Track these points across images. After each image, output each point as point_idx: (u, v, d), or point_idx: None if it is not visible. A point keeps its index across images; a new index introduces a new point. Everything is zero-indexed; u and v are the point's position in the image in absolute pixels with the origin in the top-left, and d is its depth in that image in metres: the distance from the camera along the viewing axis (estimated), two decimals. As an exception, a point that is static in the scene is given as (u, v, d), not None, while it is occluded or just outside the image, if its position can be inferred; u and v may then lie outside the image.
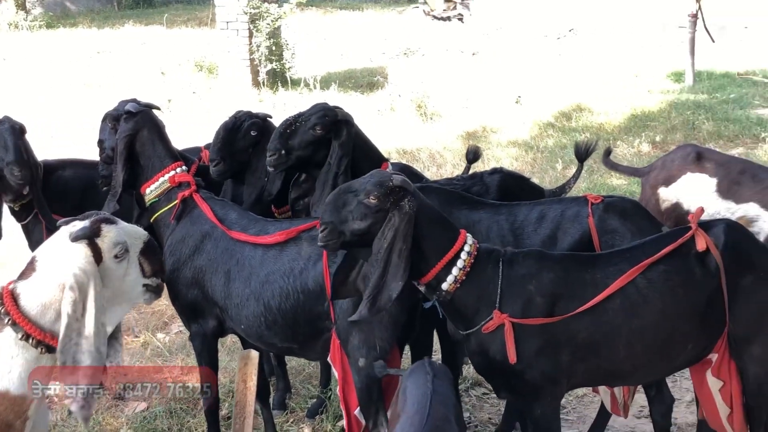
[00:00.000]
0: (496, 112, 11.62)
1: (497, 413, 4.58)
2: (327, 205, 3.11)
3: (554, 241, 3.85)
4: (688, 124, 10.65)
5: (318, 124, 3.95)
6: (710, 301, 3.29)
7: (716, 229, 3.37)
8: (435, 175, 8.48)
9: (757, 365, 3.39)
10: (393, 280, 3.07)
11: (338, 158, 3.95)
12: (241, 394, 3.35)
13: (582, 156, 4.62)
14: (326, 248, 3.17)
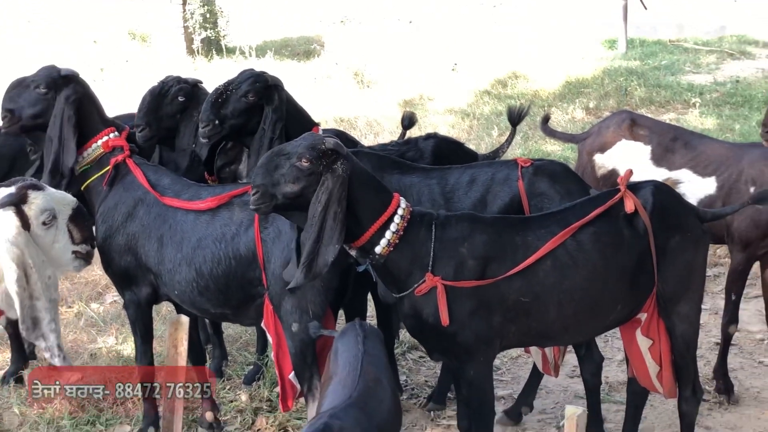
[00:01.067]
0: (433, 80, 11.59)
1: (434, 375, 4.59)
2: (259, 168, 3.05)
3: (485, 204, 3.85)
4: (620, 91, 10.75)
5: (250, 91, 3.88)
6: (639, 261, 3.31)
7: (644, 190, 3.38)
8: (372, 142, 8.43)
9: (685, 323, 3.44)
10: (329, 244, 3.02)
11: (272, 123, 3.90)
12: (172, 359, 3.30)
13: (515, 121, 4.61)
14: (258, 211, 3.11)
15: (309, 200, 3.03)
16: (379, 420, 2.66)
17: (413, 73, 11.95)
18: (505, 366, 4.78)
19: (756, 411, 4.25)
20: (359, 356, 2.83)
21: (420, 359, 4.81)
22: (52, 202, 2.96)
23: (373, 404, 2.69)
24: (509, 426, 4.13)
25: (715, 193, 4.31)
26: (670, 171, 4.44)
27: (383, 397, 2.77)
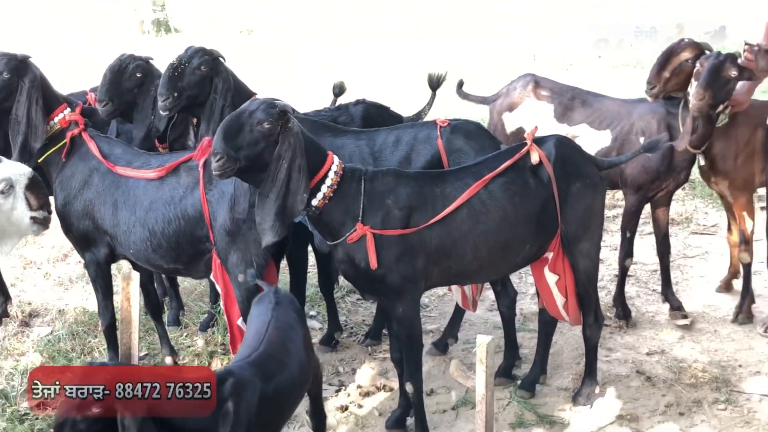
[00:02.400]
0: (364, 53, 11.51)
1: (370, 315, 4.59)
2: (219, 136, 2.95)
3: (409, 161, 3.83)
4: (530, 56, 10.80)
5: (202, 64, 3.82)
6: (544, 206, 3.33)
7: (548, 144, 3.39)
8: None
9: (586, 259, 3.49)
10: (297, 194, 3.01)
11: (224, 91, 3.86)
12: (126, 311, 3.25)
13: (434, 85, 4.60)
14: (222, 176, 3.01)
15: (266, 161, 2.98)
16: (278, 382, 2.62)
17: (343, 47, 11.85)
18: (433, 303, 4.81)
19: (651, 332, 4.34)
20: (267, 322, 2.78)
21: (358, 301, 4.81)
22: (8, 172, 2.88)
23: (273, 367, 2.66)
24: (437, 356, 4.16)
25: (610, 144, 4.34)
26: (570, 126, 4.47)
27: (287, 361, 2.73)
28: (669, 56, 4.11)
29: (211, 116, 3.84)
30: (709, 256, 5.26)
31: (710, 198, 5.98)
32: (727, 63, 3.75)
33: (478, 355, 2.83)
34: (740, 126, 4.13)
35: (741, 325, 4.35)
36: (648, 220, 4.89)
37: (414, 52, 11.41)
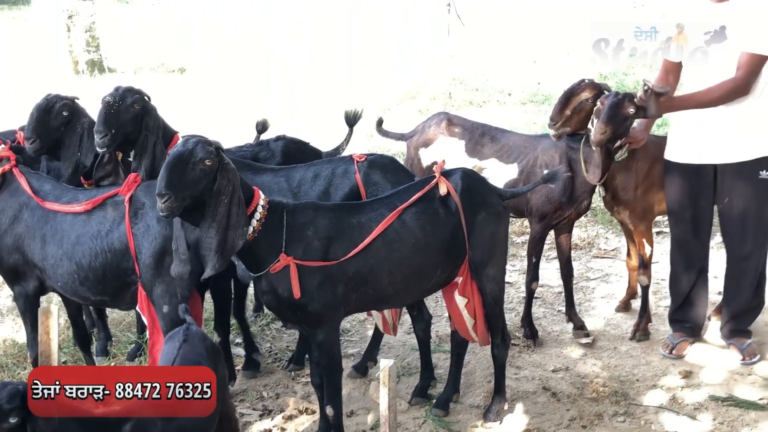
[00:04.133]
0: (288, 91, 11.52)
1: (293, 341, 4.58)
2: (164, 176, 2.91)
3: (328, 195, 3.87)
4: (446, 94, 10.96)
5: (135, 102, 3.81)
6: (453, 234, 3.41)
7: (455, 176, 3.49)
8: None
9: (492, 283, 3.57)
10: (237, 227, 3.01)
11: (155, 128, 3.86)
12: (45, 344, 3.21)
13: (351, 122, 4.67)
14: (169, 216, 2.97)
15: (205, 198, 2.98)
16: (181, 422, 2.53)
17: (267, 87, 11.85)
18: (354, 328, 4.82)
19: (556, 350, 4.44)
20: (172, 360, 2.72)
21: (282, 328, 4.80)
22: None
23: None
24: (357, 378, 4.17)
25: (517, 176, 4.46)
26: (480, 161, 4.57)
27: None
28: (570, 96, 4.24)
29: (143, 152, 3.84)
30: (609, 278, 5.41)
31: (611, 224, 6.17)
32: (625, 101, 3.88)
33: (381, 378, 2.88)
34: (639, 160, 4.28)
35: (639, 342, 4.48)
36: (553, 245, 5.00)
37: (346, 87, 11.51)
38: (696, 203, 4.16)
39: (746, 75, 3.79)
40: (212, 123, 9.71)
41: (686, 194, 4.17)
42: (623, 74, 11.95)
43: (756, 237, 4.08)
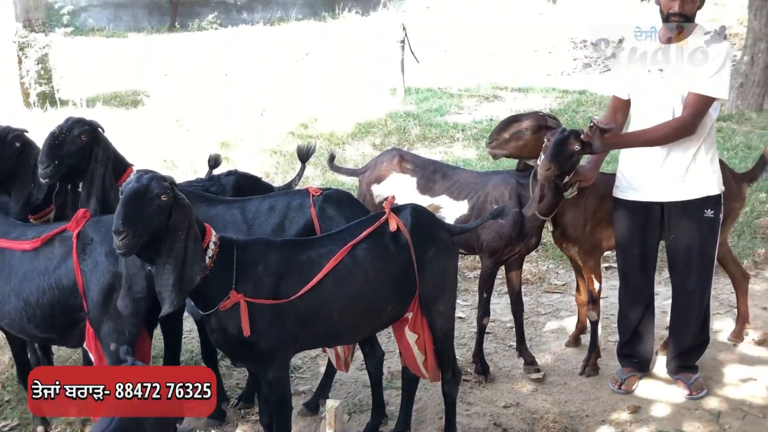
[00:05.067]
0: (245, 124, 11.48)
1: (244, 379, 4.51)
2: (120, 213, 2.85)
3: (283, 229, 3.84)
4: (400, 129, 11.01)
5: (82, 133, 3.74)
6: (403, 270, 3.40)
7: (405, 212, 3.48)
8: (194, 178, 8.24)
9: (443, 318, 3.56)
10: (194, 263, 2.98)
11: (104, 160, 3.79)
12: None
13: (303, 157, 4.66)
14: (126, 254, 2.91)
15: (161, 234, 2.93)
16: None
17: (228, 118, 11.82)
18: (306, 365, 4.77)
19: (507, 386, 4.43)
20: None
21: (231, 366, 4.71)
22: None
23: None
24: (308, 416, 4.11)
25: (468, 213, 4.47)
26: (432, 198, 4.57)
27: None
28: (511, 121, 4.32)
29: (92, 185, 3.76)
30: (559, 313, 5.44)
31: (561, 260, 6.22)
32: (570, 138, 3.93)
33: (327, 418, 2.85)
34: (588, 197, 4.33)
35: (588, 378, 4.50)
36: (504, 280, 5.02)
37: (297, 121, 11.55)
38: (643, 240, 4.22)
39: (692, 115, 3.87)
40: (168, 155, 9.65)
41: (633, 231, 4.23)
42: (573, 111, 12.17)
43: (700, 274, 4.14)
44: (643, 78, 4.03)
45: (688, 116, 3.88)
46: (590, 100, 13.45)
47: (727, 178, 4.28)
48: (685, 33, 3.92)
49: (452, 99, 13.68)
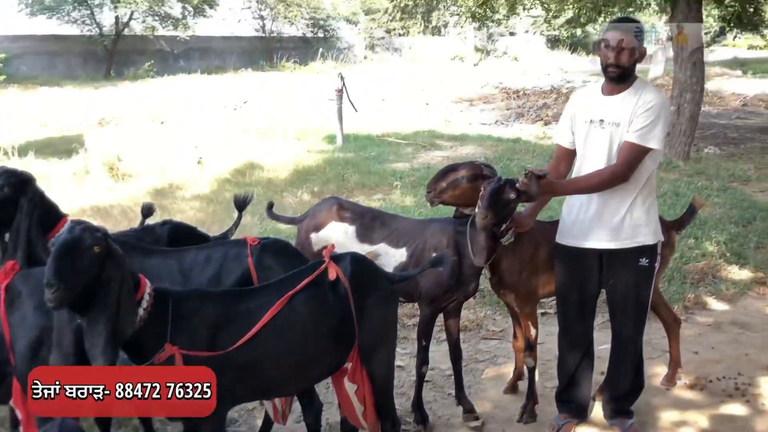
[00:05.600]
0: (181, 172, 11.38)
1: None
2: (52, 266, 2.76)
3: (219, 280, 3.79)
4: (339, 177, 11.05)
5: (5, 185, 3.63)
6: (343, 320, 3.37)
7: (344, 261, 3.47)
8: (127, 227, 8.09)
9: (382, 368, 3.53)
10: (127, 315, 2.90)
11: (29, 211, 3.67)
12: None
13: (240, 206, 4.62)
14: (57, 307, 2.81)
15: (96, 285, 2.85)
16: None
17: (164, 166, 11.70)
18: (242, 417, 4.65)
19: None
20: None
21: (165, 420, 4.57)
22: None
23: None
24: (245, 470, 4.02)
25: (407, 260, 4.46)
26: (371, 245, 4.56)
27: None
28: (448, 170, 4.39)
29: (17, 237, 3.64)
30: (497, 359, 5.45)
31: (498, 306, 6.26)
32: (506, 187, 3.97)
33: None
34: (525, 244, 4.38)
35: (526, 425, 4.51)
36: (443, 328, 5.02)
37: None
38: (581, 287, 4.28)
39: (623, 164, 3.96)
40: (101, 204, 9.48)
41: (572, 277, 4.29)
42: (507, 159, 12.39)
43: (636, 321, 4.21)
44: (585, 128, 4.13)
45: (620, 165, 3.98)
46: (524, 148, 13.74)
47: (663, 226, 4.39)
48: (625, 84, 4.03)
49: (390, 147, 13.83)
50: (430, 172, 11.24)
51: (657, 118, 3.94)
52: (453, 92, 24.93)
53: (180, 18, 32.02)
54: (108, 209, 9.29)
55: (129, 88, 24.98)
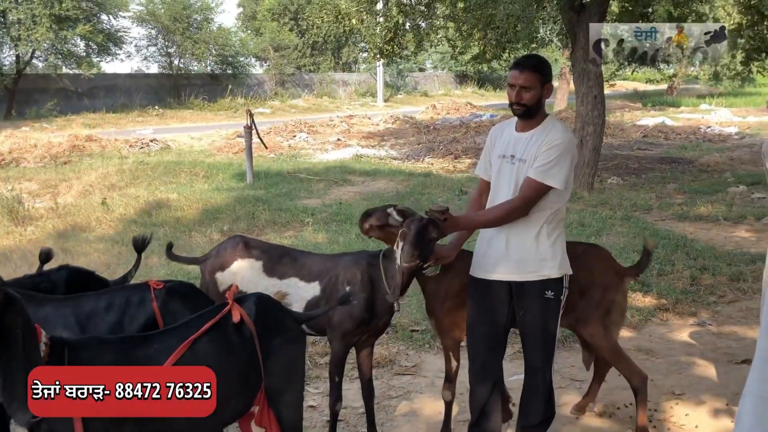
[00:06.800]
0: (85, 213, 11.05)
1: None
2: None
3: (122, 327, 3.66)
4: (249, 215, 10.91)
5: None
6: (248, 362, 3.30)
7: (249, 302, 3.41)
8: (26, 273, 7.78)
9: (290, 410, 3.47)
10: (29, 365, 2.78)
11: None
12: None
13: (139, 248, 4.50)
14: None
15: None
16: None
17: (68, 209, 11.36)
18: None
19: (360, 474, 4.37)
20: None
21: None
22: None
23: None
24: None
25: (320, 294, 4.41)
26: (281, 280, 4.49)
27: None
28: (365, 217, 4.40)
29: None
30: (410, 395, 5.43)
31: (410, 341, 6.27)
32: (429, 226, 3.99)
33: None
34: (453, 277, 4.40)
35: (441, 459, 4.50)
36: (355, 365, 4.98)
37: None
38: (491, 319, 4.30)
39: (521, 198, 4.03)
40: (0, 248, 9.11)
41: (482, 309, 4.31)
42: (419, 194, 12.51)
43: (544, 352, 4.26)
44: (498, 162, 4.20)
45: (517, 199, 4.05)
46: (435, 182, 13.91)
47: (609, 270, 4.52)
48: (535, 121, 4.12)
49: (301, 183, 13.79)
50: (342, 208, 11.27)
51: (559, 158, 4.00)
52: (364, 127, 25.14)
53: (84, 56, 31.39)
54: (7, 254, 8.93)
55: (31, 127, 24.27)
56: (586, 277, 4.45)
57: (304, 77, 41.26)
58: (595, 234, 9.64)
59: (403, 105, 37.23)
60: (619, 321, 4.62)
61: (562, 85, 31.75)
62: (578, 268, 4.35)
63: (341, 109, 34.17)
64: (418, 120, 26.59)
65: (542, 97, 4.08)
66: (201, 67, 37.19)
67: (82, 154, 17.43)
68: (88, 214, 10.97)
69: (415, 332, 6.45)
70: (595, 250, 4.73)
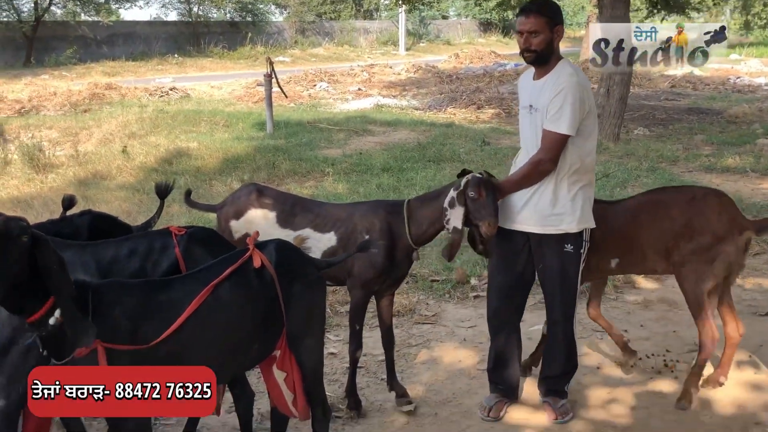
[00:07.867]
0: (105, 161, 11.13)
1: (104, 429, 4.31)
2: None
3: (145, 273, 3.70)
4: (270, 164, 10.95)
5: None
6: (269, 307, 3.34)
7: (269, 248, 3.44)
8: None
9: (312, 354, 3.51)
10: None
11: None
12: None
13: (162, 193, 4.53)
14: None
15: (23, 279, 2.76)
16: None
17: (88, 156, 11.44)
18: (172, 410, 4.60)
19: (379, 420, 4.43)
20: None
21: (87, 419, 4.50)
22: None
23: None
24: (174, 464, 3.97)
25: (337, 244, 4.43)
26: (294, 231, 4.50)
27: None
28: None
29: None
30: (430, 343, 5.49)
31: (430, 290, 6.32)
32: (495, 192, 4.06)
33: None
34: None
35: (458, 407, 4.56)
36: (375, 313, 5.04)
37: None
38: (510, 268, 4.33)
39: (543, 151, 4.01)
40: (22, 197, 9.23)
41: (502, 258, 4.35)
42: (440, 144, 12.45)
43: (563, 306, 4.28)
44: (521, 114, 4.19)
45: (540, 152, 4.03)
46: (457, 132, 13.84)
47: (726, 219, 4.34)
48: (548, 68, 4.07)
49: (322, 133, 13.76)
50: (362, 158, 11.27)
51: (565, 102, 3.94)
52: (385, 77, 24.96)
53: (102, 2, 31.29)
54: (29, 201, 9.05)
55: (50, 75, 24.34)
56: (699, 222, 4.34)
57: (325, 25, 40.89)
58: (620, 185, 9.59)
59: (426, 54, 36.82)
60: (719, 275, 4.37)
61: (588, 32, 31.23)
62: (693, 213, 4.31)
63: (362, 57, 33.87)
64: (440, 69, 26.32)
65: (553, 40, 4.01)
66: (220, 15, 36.96)
67: (101, 103, 17.49)
68: (108, 162, 11.05)
69: (435, 282, 6.50)
70: (715, 197, 4.53)
